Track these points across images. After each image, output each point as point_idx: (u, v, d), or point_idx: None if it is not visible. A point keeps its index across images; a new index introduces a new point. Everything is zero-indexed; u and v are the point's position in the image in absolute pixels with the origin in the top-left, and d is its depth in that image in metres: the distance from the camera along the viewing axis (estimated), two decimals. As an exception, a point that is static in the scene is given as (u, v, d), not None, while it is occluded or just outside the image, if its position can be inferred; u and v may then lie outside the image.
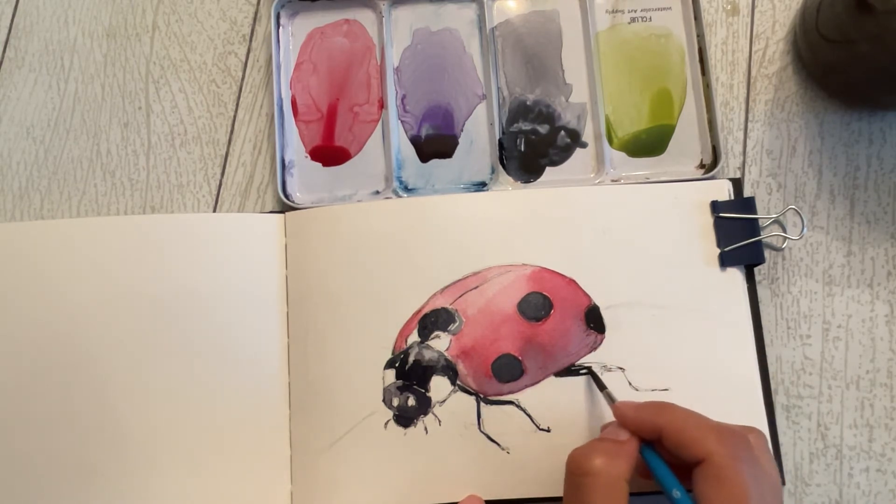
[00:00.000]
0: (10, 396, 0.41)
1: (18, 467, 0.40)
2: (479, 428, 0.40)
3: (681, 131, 0.45)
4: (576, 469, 0.33)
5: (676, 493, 0.32)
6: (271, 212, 0.45)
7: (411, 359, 0.41)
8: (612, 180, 0.45)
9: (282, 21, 0.47)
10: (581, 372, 0.41)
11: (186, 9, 0.49)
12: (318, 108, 0.47)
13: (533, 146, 0.46)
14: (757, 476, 0.31)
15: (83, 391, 0.41)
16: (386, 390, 0.41)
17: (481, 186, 0.45)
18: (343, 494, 0.40)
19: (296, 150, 0.46)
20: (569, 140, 0.46)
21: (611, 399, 0.37)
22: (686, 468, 0.32)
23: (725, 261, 0.42)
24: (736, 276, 0.42)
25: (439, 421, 0.40)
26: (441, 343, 0.41)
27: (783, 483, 0.40)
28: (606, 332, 0.41)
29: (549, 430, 0.40)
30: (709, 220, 0.42)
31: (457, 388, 0.41)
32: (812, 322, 0.43)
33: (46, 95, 0.48)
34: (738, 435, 0.33)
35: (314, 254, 0.43)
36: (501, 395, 0.41)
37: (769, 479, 0.32)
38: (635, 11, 0.47)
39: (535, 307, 0.41)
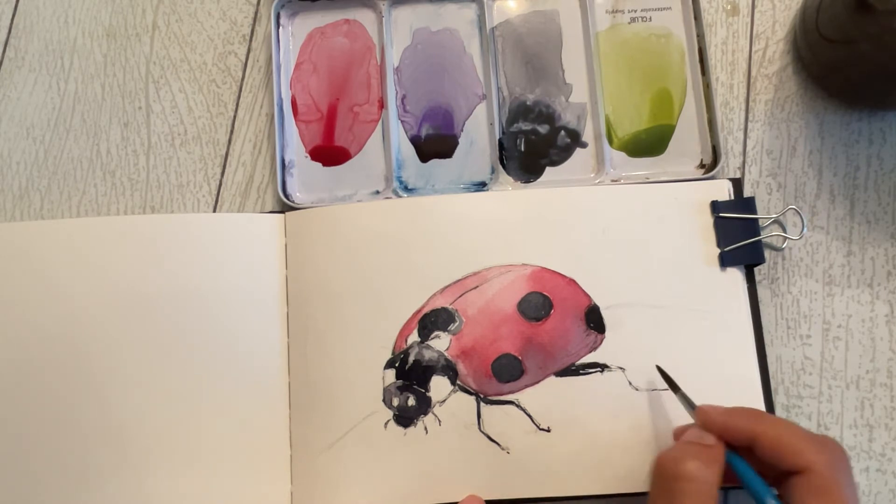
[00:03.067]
0: (10, 396, 0.41)
1: (18, 467, 0.40)
2: (479, 428, 0.40)
3: (681, 131, 0.45)
4: (669, 473, 0.32)
5: (771, 502, 0.31)
6: (271, 212, 0.45)
7: (411, 359, 0.41)
8: (612, 180, 0.45)
9: (282, 21, 0.47)
10: (585, 372, 0.41)
11: (186, 9, 0.49)
12: (318, 108, 0.47)
13: (533, 146, 0.46)
14: (853, 488, 0.31)
15: (83, 391, 0.41)
16: (386, 390, 0.41)
17: (481, 186, 0.45)
18: (343, 494, 0.40)
19: (296, 150, 0.46)
20: (569, 140, 0.46)
21: (689, 402, 0.36)
22: (771, 476, 0.32)
23: (725, 261, 0.42)
24: (736, 276, 0.42)
25: (439, 421, 0.40)
26: (441, 343, 0.41)
27: None
28: (606, 332, 0.41)
29: (549, 430, 0.40)
30: (709, 220, 0.42)
31: (457, 388, 0.41)
32: (812, 322, 0.43)
33: (46, 95, 0.48)
34: (836, 445, 0.33)
35: (314, 254, 0.43)
36: (501, 395, 0.41)
37: (856, 491, 0.32)
38: (635, 11, 0.47)
39: (535, 307, 0.41)
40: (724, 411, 0.34)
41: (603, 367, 0.41)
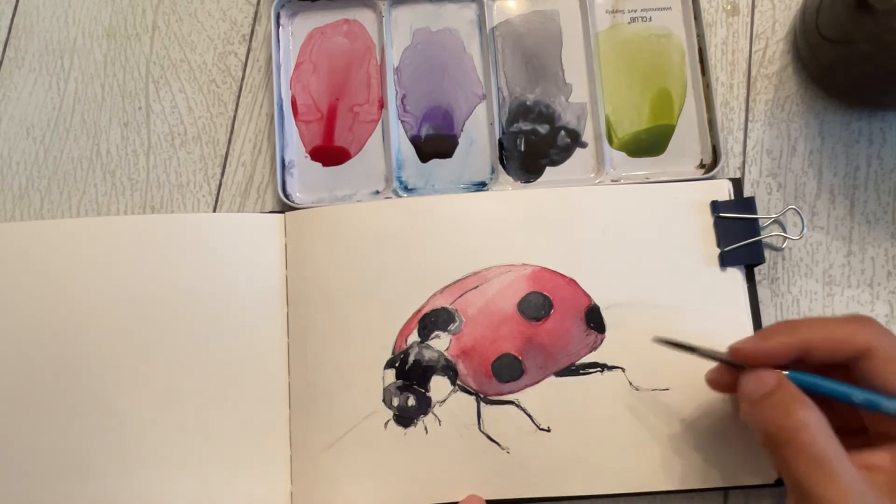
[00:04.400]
0: (10, 396, 0.41)
1: (18, 467, 0.40)
2: (479, 428, 0.40)
3: (681, 131, 0.45)
4: (784, 435, 0.31)
5: (859, 396, 0.31)
6: (271, 212, 0.45)
7: (411, 359, 0.41)
8: (612, 180, 0.45)
9: (282, 21, 0.48)
10: (585, 372, 0.41)
11: (186, 9, 0.49)
12: (318, 108, 0.47)
13: (533, 146, 0.46)
14: None
15: (82, 391, 0.41)
16: (386, 390, 0.41)
17: (481, 186, 0.45)
18: (343, 494, 0.40)
19: (296, 150, 0.46)
20: (569, 140, 0.46)
21: (714, 353, 0.35)
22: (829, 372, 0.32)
23: (725, 261, 0.42)
24: (736, 276, 0.42)
25: (439, 421, 0.40)
26: (441, 343, 0.41)
27: None
28: (606, 332, 0.41)
29: (549, 430, 0.40)
30: (709, 220, 0.42)
31: (457, 388, 0.41)
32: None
33: (46, 95, 0.48)
34: (863, 317, 0.34)
35: (314, 254, 0.43)
36: (501, 394, 0.41)
37: None
38: (635, 11, 0.47)
39: (535, 307, 0.41)
40: (756, 339, 0.34)
41: (603, 367, 0.41)
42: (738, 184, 0.43)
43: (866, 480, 0.30)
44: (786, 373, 0.33)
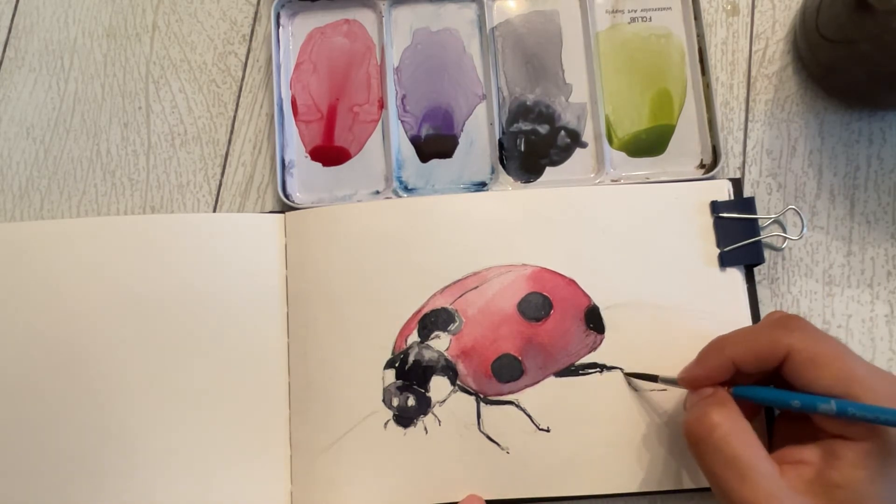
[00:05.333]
0: (10, 396, 0.41)
1: (18, 466, 0.41)
2: (479, 428, 0.40)
3: (681, 131, 0.45)
4: (698, 434, 0.33)
5: (796, 402, 0.32)
6: (271, 212, 0.45)
7: (411, 359, 0.41)
8: (612, 180, 0.45)
9: (282, 21, 0.47)
10: (585, 372, 0.41)
11: (186, 9, 0.49)
12: (318, 108, 0.47)
13: (533, 146, 0.46)
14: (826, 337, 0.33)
15: (82, 391, 0.41)
16: (386, 390, 0.41)
17: (481, 186, 0.45)
18: (343, 494, 0.40)
19: (296, 150, 0.46)
20: (569, 140, 0.46)
21: (671, 380, 0.37)
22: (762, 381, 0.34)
23: (725, 261, 0.42)
24: (736, 276, 0.42)
25: (439, 421, 0.40)
26: (441, 343, 0.41)
27: None
28: (606, 332, 0.41)
29: (549, 430, 0.40)
30: (709, 220, 0.42)
31: (457, 388, 0.41)
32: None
33: (46, 95, 0.48)
34: (784, 316, 0.34)
35: (314, 254, 0.43)
36: (501, 395, 0.41)
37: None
38: (635, 11, 0.47)
39: (535, 307, 0.41)
40: (694, 366, 0.35)
41: (602, 368, 0.41)
42: (737, 184, 0.43)
43: (786, 478, 0.31)
44: (731, 388, 0.35)
